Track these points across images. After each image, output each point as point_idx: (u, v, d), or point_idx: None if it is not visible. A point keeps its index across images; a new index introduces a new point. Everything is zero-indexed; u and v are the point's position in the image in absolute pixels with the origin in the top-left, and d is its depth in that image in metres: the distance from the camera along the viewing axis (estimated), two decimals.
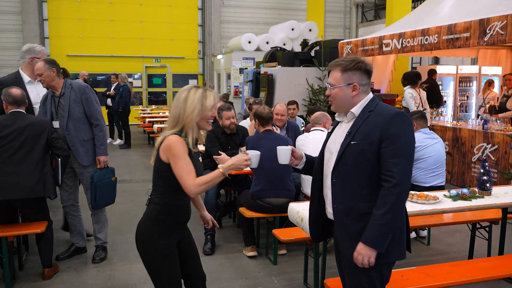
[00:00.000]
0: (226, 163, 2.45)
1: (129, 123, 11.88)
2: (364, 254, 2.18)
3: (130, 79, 16.03)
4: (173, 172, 2.42)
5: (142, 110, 14.25)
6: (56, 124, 4.18)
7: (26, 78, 4.54)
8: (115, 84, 11.90)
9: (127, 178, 8.05)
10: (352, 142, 2.22)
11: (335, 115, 2.44)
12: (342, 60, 2.29)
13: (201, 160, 2.65)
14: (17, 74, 4.53)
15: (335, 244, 2.47)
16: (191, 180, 2.38)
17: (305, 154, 2.59)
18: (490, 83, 9.54)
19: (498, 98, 9.03)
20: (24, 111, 3.95)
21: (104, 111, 11.15)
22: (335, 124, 2.44)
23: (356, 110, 2.29)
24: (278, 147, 2.52)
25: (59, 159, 3.99)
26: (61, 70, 4.31)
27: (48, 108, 4.23)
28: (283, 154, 2.51)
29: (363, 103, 2.30)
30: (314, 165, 2.53)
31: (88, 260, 4.43)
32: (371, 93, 2.34)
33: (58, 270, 4.16)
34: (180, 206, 2.58)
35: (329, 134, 2.45)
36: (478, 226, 4.36)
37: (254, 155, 2.46)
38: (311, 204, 2.51)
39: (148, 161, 9.80)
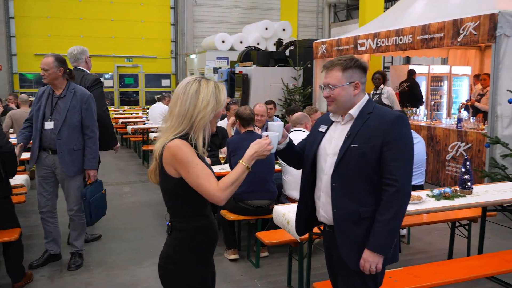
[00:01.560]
0: (246, 153, 2.05)
1: None
2: (371, 261, 2.15)
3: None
4: (189, 186, 1.99)
5: (114, 111, 13.97)
6: (50, 125, 3.98)
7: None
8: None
9: None
10: (352, 145, 2.17)
11: (330, 115, 2.38)
12: (338, 59, 2.24)
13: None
14: (85, 72, 4.79)
15: (327, 248, 2.42)
16: (213, 185, 1.96)
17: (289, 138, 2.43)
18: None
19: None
20: None
21: None
22: (329, 123, 2.37)
23: (354, 111, 2.25)
24: (270, 123, 2.30)
25: None
26: (68, 71, 4.09)
27: (42, 106, 4.03)
28: (277, 129, 2.26)
29: (360, 104, 2.26)
30: (292, 152, 2.40)
31: (63, 267, 4.26)
32: (366, 94, 2.30)
33: (31, 279, 3.98)
34: (207, 226, 2.12)
35: (321, 134, 2.37)
36: (457, 224, 4.41)
37: (274, 136, 2.10)
38: (299, 203, 2.46)
39: (122, 163, 9.60)
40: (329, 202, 2.26)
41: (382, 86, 8.39)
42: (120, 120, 11.89)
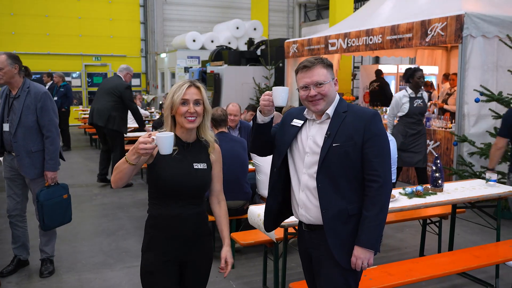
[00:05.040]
0: None
1: (69, 124, 11.34)
2: (363, 257, 2.17)
3: (68, 78, 15.31)
4: (149, 176, 2.25)
5: (83, 111, 13.66)
6: (6, 127, 3.81)
7: None
8: (48, 84, 11.29)
9: (70, 183, 7.48)
10: (334, 145, 2.18)
11: (305, 112, 2.34)
12: (315, 58, 2.24)
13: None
14: (122, 80, 7.35)
15: (305, 248, 2.40)
16: None
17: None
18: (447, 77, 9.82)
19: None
20: None
21: None
22: (304, 120, 2.34)
23: (331, 111, 2.26)
24: (275, 88, 2.21)
25: None
26: (23, 68, 3.93)
27: (1, 107, 3.88)
28: (283, 93, 2.18)
29: (335, 103, 2.28)
30: (269, 134, 2.36)
31: (31, 273, 4.12)
32: (337, 94, 2.32)
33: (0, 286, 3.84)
34: (162, 215, 2.25)
35: (296, 129, 2.32)
36: (428, 221, 4.50)
37: (160, 136, 2.01)
38: (269, 198, 2.44)
39: (91, 164, 9.38)
40: (313, 202, 2.26)
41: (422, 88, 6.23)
42: None
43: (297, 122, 2.34)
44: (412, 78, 5.91)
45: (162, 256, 2.24)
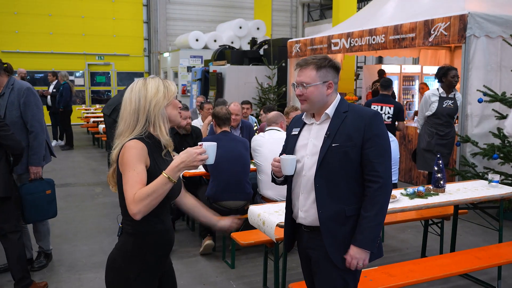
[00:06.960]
0: (172, 163, 1.84)
1: (72, 123, 11.35)
2: (359, 257, 2.16)
3: (71, 77, 15.33)
4: None
5: (86, 110, 13.69)
6: None
7: None
8: (54, 83, 11.31)
9: (72, 182, 7.64)
10: (333, 145, 2.16)
11: (303, 117, 2.36)
12: (313, 58, 2.22)
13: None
14: None
15: (304, 249, 2.39)
16: (131, 195, 1.80)
17: None
18: None
19: None
20: None
21: (45, 111, 10.57)
22: (301, 125, 2.35)
23: (330, 111, 2.24)
24: (282, 157, 2.24)
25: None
26: (5, 65, 3.93)
27: None
28: (290, 163, 2.21)
29: (335, 103, 2.26)
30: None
31: (32, 272, 4.11)
32: (338, 94, 2.30)
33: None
34: (160, 232, 2.01)
35: (295, 137, 2.34)
36: (430, 222, 4.47)
37: (209, 145, 1.94)
38: (288, 216, 2.42)
39: (94, 163, 9.41)
40: (311, 203, 2.24)
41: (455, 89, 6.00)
42: (92, 119, 11.64)
43: (295, 131, 2.37)
44: (445, 77, 5.71)
45: (155, 278, 2.07)
